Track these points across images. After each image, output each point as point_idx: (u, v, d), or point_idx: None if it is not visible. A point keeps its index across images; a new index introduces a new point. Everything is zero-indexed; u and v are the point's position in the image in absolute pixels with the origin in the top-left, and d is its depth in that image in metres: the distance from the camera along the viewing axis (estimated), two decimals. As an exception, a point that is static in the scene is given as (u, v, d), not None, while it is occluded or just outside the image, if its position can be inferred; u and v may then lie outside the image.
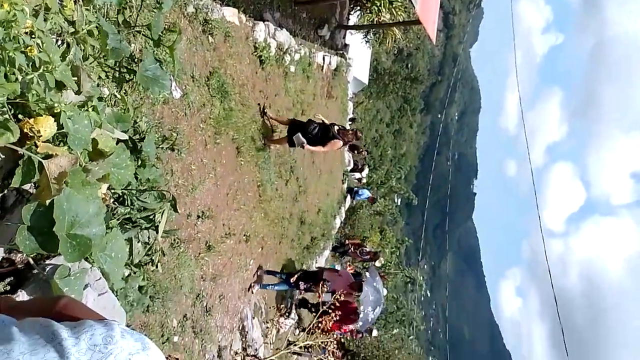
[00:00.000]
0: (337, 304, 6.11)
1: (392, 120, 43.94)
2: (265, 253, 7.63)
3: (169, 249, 4.69)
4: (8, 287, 1.60)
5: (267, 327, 7.48)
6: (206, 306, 5.50)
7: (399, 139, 47.67)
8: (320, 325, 4.87)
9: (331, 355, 5.18)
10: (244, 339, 6.28)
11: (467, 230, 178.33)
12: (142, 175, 2.97)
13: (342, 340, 12.29)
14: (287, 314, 9.10)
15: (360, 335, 12.20)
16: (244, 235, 6.70)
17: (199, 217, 5.37)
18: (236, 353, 4.96)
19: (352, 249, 13.26)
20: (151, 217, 2.65)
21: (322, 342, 4.72)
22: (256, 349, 6.24)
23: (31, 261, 1.56)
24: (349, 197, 15.47)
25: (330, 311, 5.63)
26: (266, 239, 7.60)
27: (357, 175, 17.65)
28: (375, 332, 11.72)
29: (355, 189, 16.22)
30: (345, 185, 14.02)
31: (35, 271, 1.63)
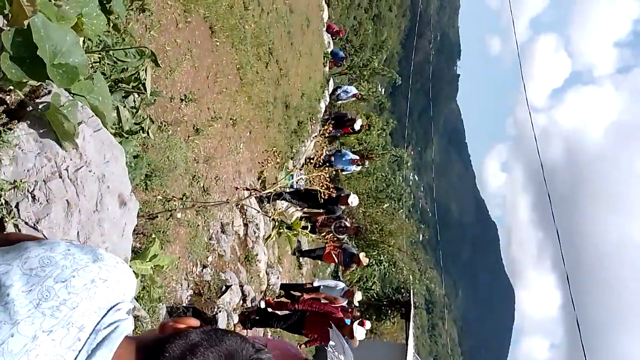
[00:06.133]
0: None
1: (370, 4, 41.69)
2: (254, 137, 7.70)
3: (157, 133, 4.71)
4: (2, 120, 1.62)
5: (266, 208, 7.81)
6: (203, 186, 5.67)
7: (378, 25, 45.65)
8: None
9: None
10: (244, 216, 6.59)
11: (452, 112, 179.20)
12: (116, 39, 2.88)
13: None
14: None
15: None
16: (231, 119, 6.70)
17: (182, 100, 5.32)
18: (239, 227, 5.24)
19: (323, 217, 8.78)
20: (135, 75, 2.62)
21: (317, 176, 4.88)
22: (256, 224, 6.57)
23: (21, 95, 1.55)
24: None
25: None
26: (253, 123, 7.61)
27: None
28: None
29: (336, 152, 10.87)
30: (327, 69, 13.68)
31: (29, 108, 1.64)
